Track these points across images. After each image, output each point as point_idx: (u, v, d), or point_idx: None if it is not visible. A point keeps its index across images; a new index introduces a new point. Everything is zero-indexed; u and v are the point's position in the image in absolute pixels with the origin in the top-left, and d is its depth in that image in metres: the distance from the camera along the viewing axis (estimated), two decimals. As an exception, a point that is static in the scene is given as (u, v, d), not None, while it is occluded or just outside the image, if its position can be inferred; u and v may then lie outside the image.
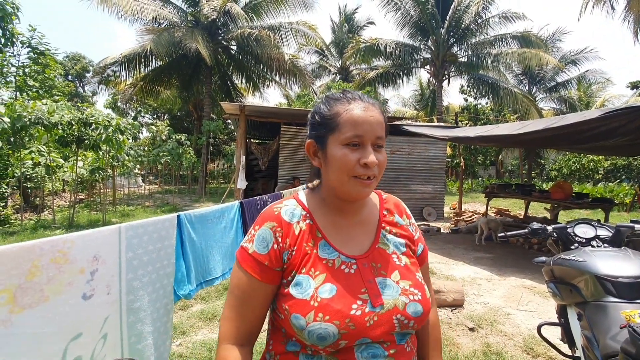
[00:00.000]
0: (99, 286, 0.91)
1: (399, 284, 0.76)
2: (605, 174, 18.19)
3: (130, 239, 1.03)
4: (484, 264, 5.15)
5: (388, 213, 0.88)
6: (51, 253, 0.79)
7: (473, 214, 9.06)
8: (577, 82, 21.91)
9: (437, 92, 18.49)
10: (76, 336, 0.86)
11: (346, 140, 0.74)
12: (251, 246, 0.77)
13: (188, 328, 2.95)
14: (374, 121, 0.75)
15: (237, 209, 1.70)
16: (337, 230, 0.81)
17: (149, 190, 15.11)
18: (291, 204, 0.82)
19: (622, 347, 1.08)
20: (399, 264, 0.80)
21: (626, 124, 3.70)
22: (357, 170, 0.73)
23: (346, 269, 0.75)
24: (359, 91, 0.84)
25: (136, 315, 1.08)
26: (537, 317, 3.32)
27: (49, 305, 0.78)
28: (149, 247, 1.10)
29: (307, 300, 0.70)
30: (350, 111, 0.75)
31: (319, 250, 0.76)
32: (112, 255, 0.96)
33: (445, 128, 8.62)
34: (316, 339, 0.68)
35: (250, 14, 14.94)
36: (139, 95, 15.63)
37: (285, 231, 0.77)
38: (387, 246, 0.82)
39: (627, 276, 1.40)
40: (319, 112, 0.81)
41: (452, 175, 22.53)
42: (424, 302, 0.76)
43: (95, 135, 7.27)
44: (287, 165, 9.38)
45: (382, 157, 0.76)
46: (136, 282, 1.05)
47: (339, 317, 0.68)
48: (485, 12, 16.47)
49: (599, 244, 1.79)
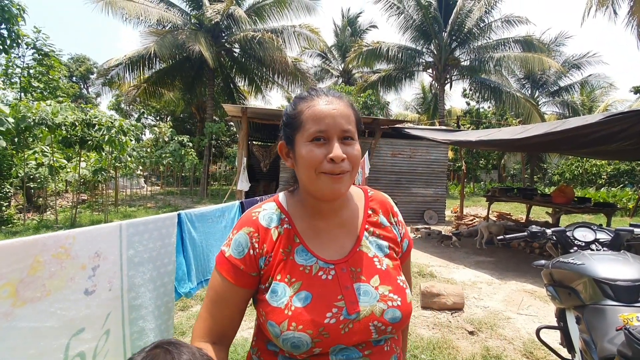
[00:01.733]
0: (100, 282, 0.92)
1: (377, 289, 0.74)
2: (608, 178, 18.12)
3: (131, 236, 1.04)
4: (484, 267, 5.13)
5: (373, 213, 0.85)
6: (53, 248, 0.80)
7: (474, 218, 9.04)
8: (580, 87, 21.86)
9: (439, 95, 18.51)
10: (78, 331, 0.87)
11: (310, 137, 0.72)
12: (228, 250, 0.77)
13: (188, 329, 2.95)
14: (337, 114, 0.72)
15: (237, 209, 1.71)
16: (316, 235, 0.79)
17: (151, 192, 15.16)
18: (270, 208, 0.81)
19: (619, 350, 1.09)
20: (380, 267, 0.78)
21: (628, 128, 3.70)
22: (324, 166, 0.71)
23: (323, 275, 0.74)
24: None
25: (138, 312, 1.09)
26: (537, 321, 3.31)
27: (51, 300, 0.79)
28: (149, 244, 1.11)
29: (282, 308, 0.70)
30: (312, 107, 0.73)
31: (295, 257, 0.75)
32: (113, 252, 0.97)
33: (447, 132, 8.63)
34: (290, 347, 0.68)
35: (254, 17, 15.04)
36: (142, 96, 15.74)
37: (262, 237, 0.76)
38: (369, 249, 0.80)
39: (625, 279, 1.40)
40: (285, 112, 0.80)
41: (454, 178, 22.49)
42: (404, 307, 0.74)
43: (98, 136, 7.32)
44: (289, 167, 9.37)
45: (352, 151, 0.73)
46: (137, 279, 1.06)
47: (312, 327, 0.67)
48: (487, 17, 16.52)
49: (598, 248, 1.79)
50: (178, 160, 12.51)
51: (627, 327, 1.04)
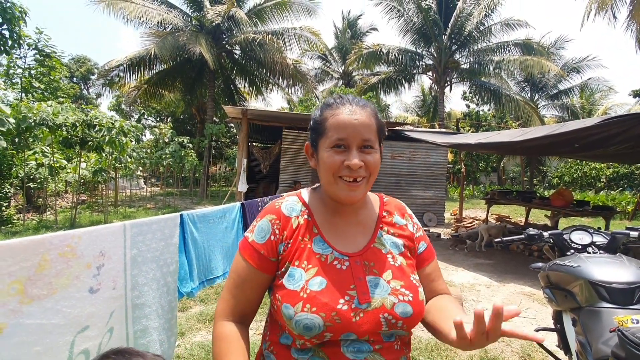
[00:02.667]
0: (104, 281, 0.94)
1: (389, 283, 0.78)
2: (607, 182, 18.14)
3: (134, 236, 1.06)
4: (483, 270, 5.15)
5: (387, 214, 0.90)
6: (60, 247, 0.82)
7: (473, 220, 9.05)
8: (580, 90, 21.92)
9: (439, 98, 18.56)
10: (83, 329, 0.89)
11: (331, 144, 0.78)
12: (251, 235, 0.83)
13: (187, 329, 2.97)
14: (358, 124, 0.77)
15: (238, 210, 1.73)
16: (333, 229, 0.84)
17: (151, 193, 15.17)
18: (292, 200, 0.87)
19: (613, 352, 1.11)
20: (393, 263, 0.81)
21: (626, 130, 3.73)
22: (342, 172, 0.77)
23: (338, 264, 0.78)
24: (355, 95, 0.88)
25: (141, 310, 1.11)
26: (535, 323, 3.33)
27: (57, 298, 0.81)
28: (152, 244, 1.14)
29: (297, 291, 0.74)
30: (336, 116, 0.79)
31: (313, 245, 0.80)
32: (117, 252, 0.99)
33: (446, 134, 8.66)
34: (302, 329, 0.71)
35: (254, 19, 15.09)
36: (142, 98, 15.77)
37: (283, 224, 0.82)
38: (383, 246, 0.83)
39: (620, 282, 1.42)
40: (313, 117, 0.86)
41: (454, 181, 22.51)
42: (415, 303, 0.77)
43: (98, 137, 7.34)
44: (289, 169, 9.41)
45: (370, 159, 0.78)
46: (141, 279, 1.08)
47: (325, 310, 0.71)
48: (487, 20, 16.59)
49: (594, 251, 1.81)
50: (178, 162, 12.52)
51: (620, 329, 1.06)
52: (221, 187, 19.51)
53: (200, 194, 14.69)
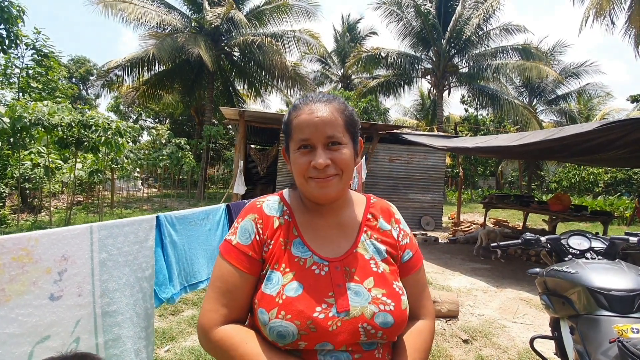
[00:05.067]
0: (68, 287, 0.88)
1: (370, 291, 0.73)
2: (605, 187, 18.14)
3: (103, 239, 1.00)
4: (480, 274, 5.09)
5: (372, 217, 0.86)
6: (14, 251, 0.76)
7: (471, 224, 9.00)
8: (578, 95, 21.97)
9: (437, 102, 18.56)
10: (43, 339, 0.82)
11: (296, 145, 0.76)
12: (234, 238, 0.78)
13: (177, 333, 2.89)
14: (319, 122, 0.74)
15: (223, 212, 1.67)
16: (314, 230, 0.80)
17: (148, 194, 15.08)
18: (273, 200, 0.84)
19: None
20: (375, 270, 0.77)
21: (625, 135, 3.68)
22: (310, 173, 0.75)
23: (317, 269, 0.74)
24: (322, 93, 0.85)
25: (113, 318, 1.04)
26: (532, 330, 3.26)
27: (12, 305, 0.75)
28: (124, 247, 1.07)
29: (273, 296, 0.70)
30: (298, 116, 0.77)
31: (292, 248, 0.76)
32: (82, 256, 0.92)
33: (444, 138, 8.62)
34: (276, 336, 0.67)
35: (254, 21, 15.09)
36: (141, 99, 15.72)
37: (265, 223, 0.78)
38: (366, 251, 0.79)
39: (620, 289, 1.36)
40: (283, 120, 0.84)
41: (452, 185, 22.47)
42: (397, 313, 0.72)
43: (94, 138, 7.28)
44: (286, 171, 9.36)
45: (338, 155, 0.75)
46: (112, 284, 1.01)
47: (300, 318, 0.67)
48: (486, 24, 16.61)
49: (592, 256, 1.76)
50: (175, 163, 12.46)
51: (621, 340, 1.00)
52: (219, 189, 19.44)
53: (197, 196, 14.62)
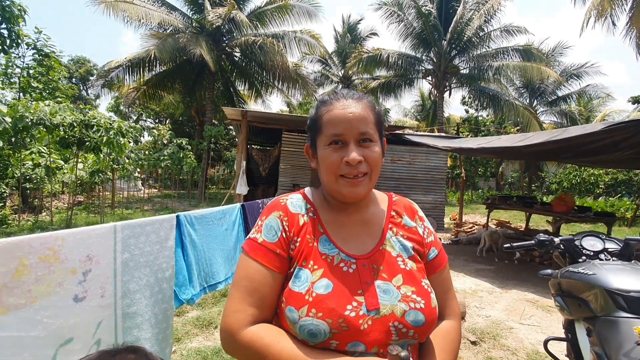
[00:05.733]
0: (91, 288, 0.86)
1: (400, 289, 0.72)
2: (605, 188, 18.16)
3: (126, 238, 0.98)
4: (485, 275, 5.08)
5: (396, 215, 0.86)
6: (40, 251, 0.74)
7: (473, 225, 8.99)
8: (578, 97, 21.99)
9: (438, 103, 18.56)
10: (66, 341, 0.80)
11: (328, 140, 0.75)
12: (260, 236, 0.76)
13: (183, 335, 2.88)
14: (353, 118, 0.74)
15: (238, 211, 1.65)
16: (339, 228, 0.79)
17: (148, 194, 15.05)
18: (297, 197, 0.83)
19: None
20: (403, 267, 0.76)
21: (630, 137, 3.67)
22: (342, 169, 0.73)
23: (345, 267, 0.73)
24: (351, 90, 0.84)
25: (132, 320, 1.02)
26: (540, 331, 3.25)
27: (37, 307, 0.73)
28: (146, 248, 1.05)
29: (303, 293, 0.68)
30: (330, 111, 0.76)
31: (319, 245, 0.75)
32: (106, 256, 0.91)
33: (447, 138, 8.62)
34: (307, 335, 0.66)
35: (255, 22, 15.09)
36: (141, 99, 15.71)
37: (291, 221, 0.77)
38: (393, 248, 0.79)
39: (639, 290, 1.35)
40: (310, 116, 0.83)
41: (452, 186, 22.48)
42: (428, 311, 0.71)
43: (96, 138, 7.26)
44: (288, 171, 9.35)
45: (370, 153, 0.74)
46: (132, 285, 0.99)
47: (332, 316, 0.66)
48: (487, 26, 16.62)
49: (607, 257, 1.74)
50: (176, 163, 12.44)
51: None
52: (219, 189, 19.41)
53: (198, 197, 14.60)
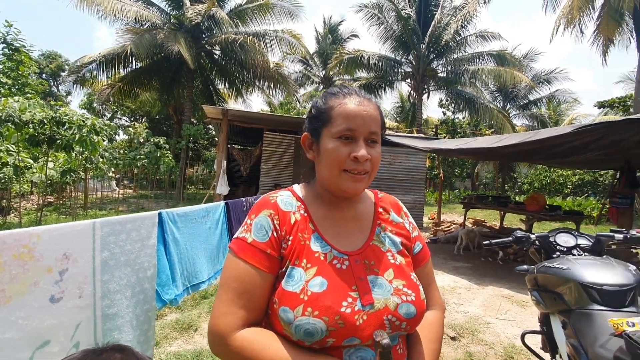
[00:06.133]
0: (69, 288, 0.81)
1: (391, 283, 0.74)
2: (573, 188, 19.07)
3: (105, 236, 0.93)
4: (463, 273, 5.21)
5: (384, 211, 0.88)
6: (15, 248, 0.69)
7: (451, 224, 9.22)
8: (548, 101, 23.03)
9: (417, 105, 18.94)
10: (43, 344, 0.76)
11: (338, 134, 0.74)
12: (249, 235, 0.74)
13: (161, 339, 2.79)
14: (367, 116, 0.75)
15: (222, 210, 1.61)
16: (330, 224, 0.79)
17: (123, 195, 14.53)
18: (286, 195, 0.82)
19: (616, 356, 1.08)
20: (393, 262, 0.78)
21: (600, 138, 3.87)
22: (348, 164, 0.74)
23: (338, 264, 0.73)
24: (358, 88, 0.84)
25: (113, 322, 0.97)
26: (515, 326, 3.37)
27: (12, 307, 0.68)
28: (127, 246, 1.00)
29: (297, 293, 0.68)
30: (344, 105, 0.76)
31: (311, 243, 0.74)
32: (84, 254, 0.86)
33: (426, 139, 8.80)
34: (303, 335, 0.65)
35: (236, 20, 14.89)
36: (116, 96, 15.14)
37: (282, 219, 0.76)
38: (382, 244, 0.81)
39: (611, 284, 1.42)
40: (315, 105, 0.81)
41: (431, 186, 22.98)
42: (418, 303, 0.74)
43: (68, 136, 6.94)
44: (270, 171, 9.28)
45: (375, 153, 0.76)
46: (113, 285, 0.95)
47: (329, 314, 0.66)
48: (463, 31, 17.11)
49: (579, 253, 1.82)
50: (153, 163, 12.09)
51: (628, 333, 1.03)
52: (198, 189, 19.02)
53: (176, 197, 14.23)
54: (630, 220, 5.55)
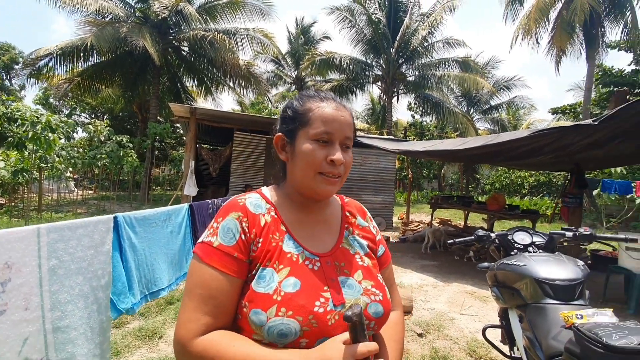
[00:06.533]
0: (12, 300, 0.74)
1: (361, 283, 0.76)
2: (530, 189, 20.29)
3: (53, 243, 0.86)
4: (429, 271, 5.38)
5: (350, 215, 0.90)
6: (-54, 259, 0.62)
7: (419, 224, 9.50)
8: (507, 106, 24.43)
9: (387, 107, 19.38)
10: (-19, 362, 0.69)
11: (316, 136, 0.75)
12: (215, 239, 0.71)
13: (123, 348, 2.65)
14: (343, 121, 0.77)
15: (186, 213, 1.55)
16: (301, 227, 0.80)
17: (82, 196, 13.70)
18: (255, 197, 0.81)
19: (567, 347, 1.15)
20: (361, 264, 0.80)
21: (552, 142, 4.14)
22: (323, 167, 0.75)
23: (310, 264, 0.74)
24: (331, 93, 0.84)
25: (65, 334, 0.90)
26: (478, 320, 3.52)
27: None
28: (77, 253, 0.93)
29: (270, 294, 0.67)
30: (323, 108, 0.77)
31: (284, 244, 0.74)
32: (29, 263, 0.78)
33: (396, 141, 9.02)
34: (276, 336, 0.64)
35: (205, 16, 14.49)
36: (75, 91, 14.24)
37: (251, 222, 0.74)
38: (351, 246, 0.83)
39: (562, 279, 1.52)
40: (291, 106, 0.81)
41: (400, 187, 23.58)
42: (385, 303, 0.77)
43: (20, 133, 6.45)
44: (240, 172, 9.11)
45: (348, 158, 0.78)
46: (63, 295, 0.88)
47: (302, 313, 0.66)
48: (430, 37, 17.72)
49: (534, 250, 1.93)
50: (116, 162, 11.50)
51: (576, 325, 1.10)
52: (165, 191, 18.33)
53: (141, 198, 13.61)
54: (579, 218, 5.98)
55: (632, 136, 3.88)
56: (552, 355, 1.28)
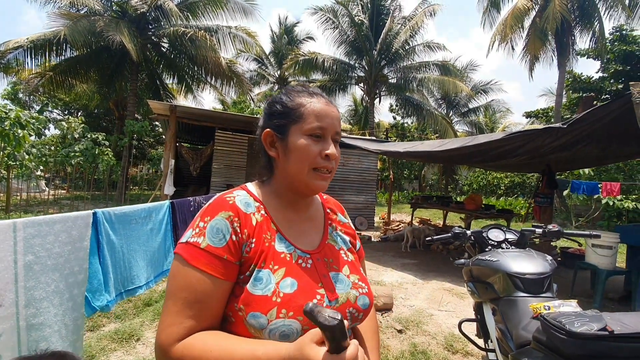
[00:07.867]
0: (-16, 296, 0.72)
1: (349, 277, 0.79)
2: (505, 189, 21.01)
3: (29, 238, 0.83)
4: (409, 269, 5.49)
5: (331, 212, 0.92)
6: None
7: (400, 223, 9.67)
8: (484, 109, 25.21)
9: (369, 109, 19.59)
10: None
11: (310, 131, 0.75)
12: (202, 240, 0.67)
13: (98, 351, 2.57)
14: (334, 116, 0.78)
15: (167, 210, 1.53)
16: (289, 225, 0.80)
17: (54, 196, 13.16)
18: (243, 194, 0.78)
19: (534, 336, 1.22)
20: (346, 259, 0.83)
21: (525, 144, 4.32)
22: (318, 162, 0.75)
23: (303, 263, 0.75)
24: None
25: (39, 332, 0.87)
26: (455, 316, 3.63)
27: None
28: (54, 249, 0.91)
29: (269, 296, 0.66)
30: (315, 104, 0.77)
31: (276, 244, 0.74)
32: (4, 258, 0.76)
33: (378, 142, 9.14)
34: (278, 338, 0.63)
35: (186, 12, 14.21)
36: (47, 86, 13.63)
37: (243, 222, 0.72)
38: (335, 242, 0.85)
39: (532, 273, 1.60)
40: (280, 101, 0.79)
41: (381, 187, 23.90)
42: (369, 295, 0.80)
43: (-15, 128, 6.14)
44: (221, 171, 9.00)
45: (338, 153, 0.79)
46: (39, 292, 0.85)
47: (302, 313, 0.64)
48: (412, 40, 18.04)
49: (507, 246, 2.03)
50: (90, 161, 11.10)
51: (543, 315, 1.17)
52: (143, 190, 17.85)
53: (117, 198, 13.19)
54: (550, 217, 6.25)
55: (597, 139, 4.11)
56: (522, 344, 1.35)
